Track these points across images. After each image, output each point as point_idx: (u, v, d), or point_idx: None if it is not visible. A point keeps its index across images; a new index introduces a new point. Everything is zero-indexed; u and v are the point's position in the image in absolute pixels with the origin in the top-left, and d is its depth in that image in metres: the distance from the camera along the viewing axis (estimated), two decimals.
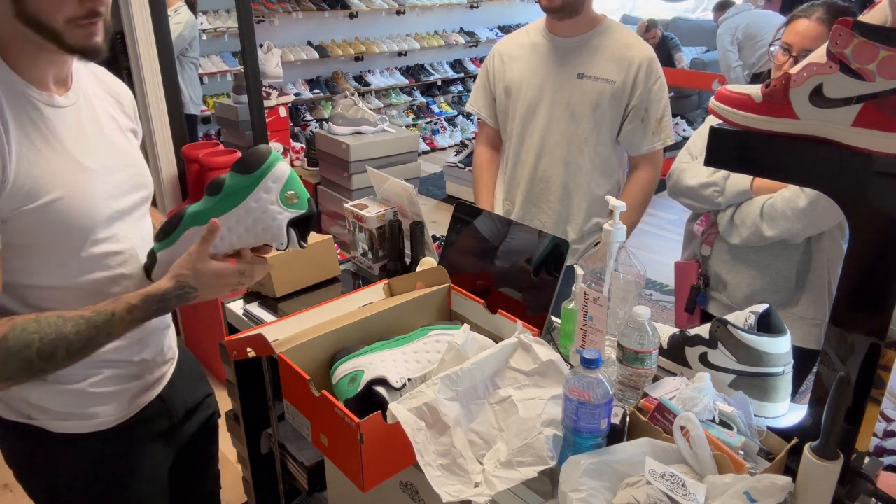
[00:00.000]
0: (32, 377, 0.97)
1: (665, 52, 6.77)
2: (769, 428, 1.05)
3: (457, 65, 7.08)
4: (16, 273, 1.00)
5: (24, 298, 1.02)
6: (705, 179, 1.69)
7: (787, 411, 1.15)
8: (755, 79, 1.93)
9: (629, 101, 1.81)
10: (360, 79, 6.27)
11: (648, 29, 6.63)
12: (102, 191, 1.06)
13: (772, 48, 1.62)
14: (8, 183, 0.93)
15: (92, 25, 0.96)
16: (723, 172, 1.67)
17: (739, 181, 1.64)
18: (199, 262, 1.05)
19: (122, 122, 1.19)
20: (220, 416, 1.49)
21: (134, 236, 1.14)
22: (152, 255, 1.10)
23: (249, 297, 1.66)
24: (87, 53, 0.99)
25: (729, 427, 1.01)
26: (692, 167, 1.74)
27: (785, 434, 1.02)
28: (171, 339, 1.32)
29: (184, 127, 2.87)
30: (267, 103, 3.67)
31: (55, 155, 1.00)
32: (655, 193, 2.00)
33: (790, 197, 1.56)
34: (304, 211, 1.09)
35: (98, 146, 1.08)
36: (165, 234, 1.08)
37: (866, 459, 0.97)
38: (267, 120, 3.35)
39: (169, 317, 1.29)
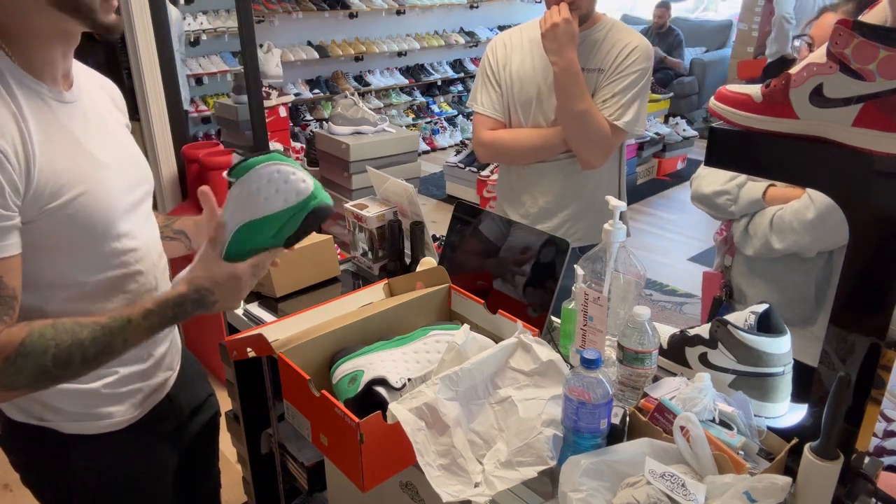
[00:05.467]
0: (46, 384, 0.96)
1: (667, 43, 6.82)
2: (769, 428, 1.05)
3: (457, 65, 7.07)
4: (39, 274, 1.00)
5: (46, 299, 1.01)
6: (719, 188, 1.64)
7: (787, 411, 1.15)
8: (783, 63, 1.89)
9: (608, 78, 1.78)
10: (360, 79, 6.27)
11: (661, 6, 6.71)
12: (118, 185, 1.06)
13: (796, 42, 1.55)
14: (33, 183, 0.92)
15: (112, 2, 0.99)
16: (737, 181, 1.61)
17: (752, 190, 1.59)
18: (212, 264, 1.04)
19: (118, 117, 1.19)
20: (221, 415, 1.49)
21: (146, 231, 1.14)
22: None
23: (249, 297, 1.65)
24: (113, 30, 1.00)
25: (729, 427, 1.01)
26: (710, 174, 1.69)
27: (785, 434, 1.02)
28: (176, 338, 1.32)
29: (184, 127, 2.87)
30: (267, 103, 3.67)
31: (72, 151, 1.00)
32: (655, 194, 1.98)
33: (799, 208, 1.50)
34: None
35: (105, 140, 1.08)
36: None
37: (866, 459, 0.97)
38: (267, 120, 3.36)
39: None
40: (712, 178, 1.68)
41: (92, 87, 1.15)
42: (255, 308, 1.61)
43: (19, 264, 0.94)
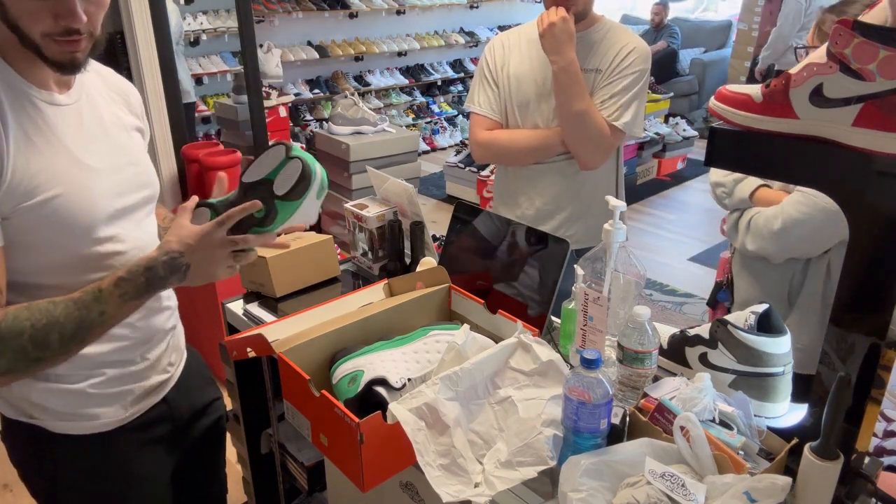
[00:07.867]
0: (32, 368, 0.96)
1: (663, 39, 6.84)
2: (769, 428, 1.05)
3: (457, 65, 7.07)
4: (23, 272, 1.00)
5: (34, 298, 1.01)
6: (719, 179, 1.69)
7: (787, 411, 1.15)
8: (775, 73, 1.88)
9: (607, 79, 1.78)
10: (360, 79, 6.27)
11: (659, 3, 6.74)
12: (104, 189, 1.06)
13: (800, 50, 1.56)
14: (5, 180, 0.93)
15: (71, 43, 0.96)
16: (734, 176, 1.65)
17: (745, 188, 1.63)
18: (180, 228, 1.04)
19: (128, 120, 1.19)
20: (228, 420, 1.48)
21: (137, 236, 1.13)
22: None
23: (249, 297, 1.66)
24: (64, 68, 0.99)
25: (729, 427, 1.01)
26: None
27: (785, 434, 1.02)
28: (178, 341, 1.31)
29: (184, 126, 2.87)
30: (267, 103, 3.67)
31: (54, 152, 1.00)
32: (655, 194, 1.99)
33: (770, 216, 1.54)
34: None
35: (100, 144, 1.08)
36: None
37: (866, 459, 0.97)
38: (267, 120, 3.36)
39: (176, 317, 1.29)
40: (716, 168, 1.70)
41: (101, 89, 1.15)
42: (255, 308, 1.61)
43: (2, 257, 0.94)
